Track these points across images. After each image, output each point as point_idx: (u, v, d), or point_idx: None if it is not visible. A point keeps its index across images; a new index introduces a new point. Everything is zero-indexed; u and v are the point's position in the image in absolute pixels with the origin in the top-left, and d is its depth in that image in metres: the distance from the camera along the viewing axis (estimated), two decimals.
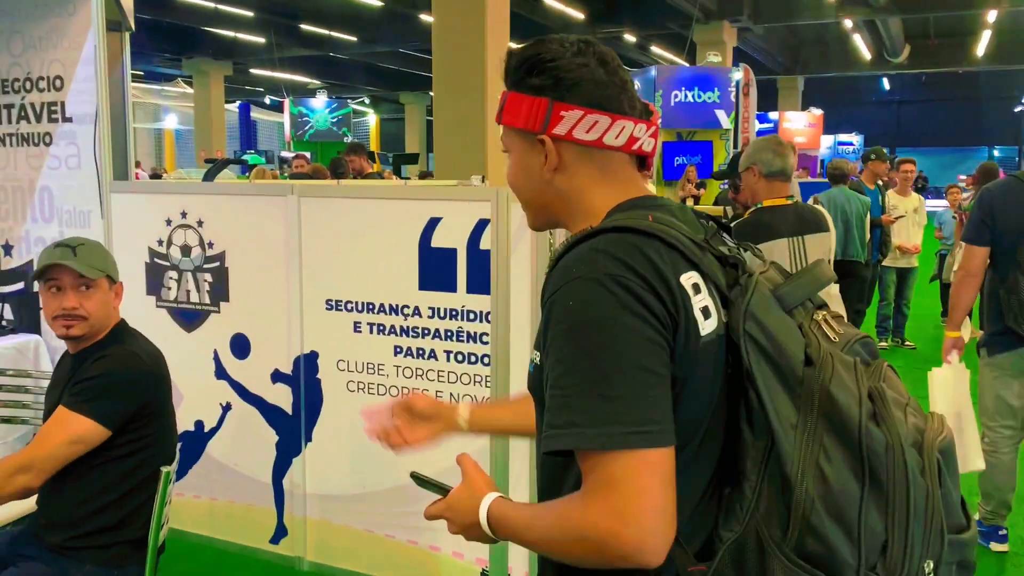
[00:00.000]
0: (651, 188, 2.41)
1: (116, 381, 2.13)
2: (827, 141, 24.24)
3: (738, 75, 12.88)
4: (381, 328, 3.05)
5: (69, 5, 3.56)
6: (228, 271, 3.34)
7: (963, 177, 18.41)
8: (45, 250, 2.25)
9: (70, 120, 3.62)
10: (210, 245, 3.35)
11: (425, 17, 16.78)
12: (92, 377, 2.12)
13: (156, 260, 3.48)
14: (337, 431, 3.20)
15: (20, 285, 3.86)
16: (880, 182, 7.34)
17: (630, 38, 19.96)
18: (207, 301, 3.40)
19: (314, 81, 25.66)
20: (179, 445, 2.38)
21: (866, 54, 21.62)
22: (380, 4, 16.32)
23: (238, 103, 24.80)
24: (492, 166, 8.68)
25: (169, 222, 3.43)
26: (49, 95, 3.66)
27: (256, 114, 25.01)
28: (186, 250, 3.40)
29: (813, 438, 1.00)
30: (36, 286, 2.32)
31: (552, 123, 1.14)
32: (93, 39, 3.51)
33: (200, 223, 3.36)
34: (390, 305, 3.01)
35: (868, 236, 6.22)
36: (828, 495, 0.99)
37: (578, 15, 16.99)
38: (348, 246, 3.08)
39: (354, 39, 19.19)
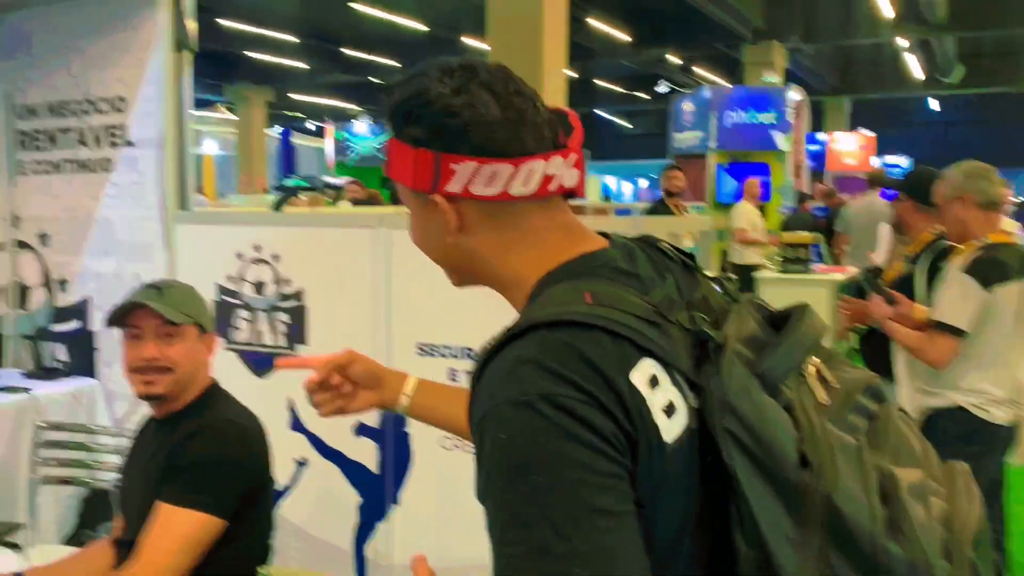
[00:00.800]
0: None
1: (223, 460, 1.79)
2: (873, 163, 23.66)
3: (795, 95, 12.48)
4: None
5: (132, 19, 3.27)
6: (306, 311, 2.99)
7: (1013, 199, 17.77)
8: (130, 291, 1.94)
9: (132, 144, 3.33)
10: (287, 282, 3.02)
11: (468, 41, 16.60)
12: (194, 462, 1.77)
13: (225, 298, 3.15)
14: (428, 493, 2.83)
15: (76, 324, 3.56)
16: None
17: (674, 59, 19.63)
18: (282, 344, 3.05)
19: (353, 107, 25.63)
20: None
21: (918, 74, 21.07)
22: (424, 29, 16.15)
23: (279, 129, 24.79)
24: None
25: (241, 256, 3.10)
26: (110, 117, 3.37)
27: (295, 139, 24.99)
28: (260, 287, 3.07)
29: (818, 558, 0.83)
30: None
31: (442, 180, 0.95)
32: (159, 56, 3.21)
33: (276, 257, 3.03)
34: None
35: None
36: None
37: (624, 37, 16.71)
38: (444, 284, 2.70)
39: (396, 64, 19.05)
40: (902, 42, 17.67)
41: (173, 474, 1.75)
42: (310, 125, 28.72)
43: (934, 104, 28.51)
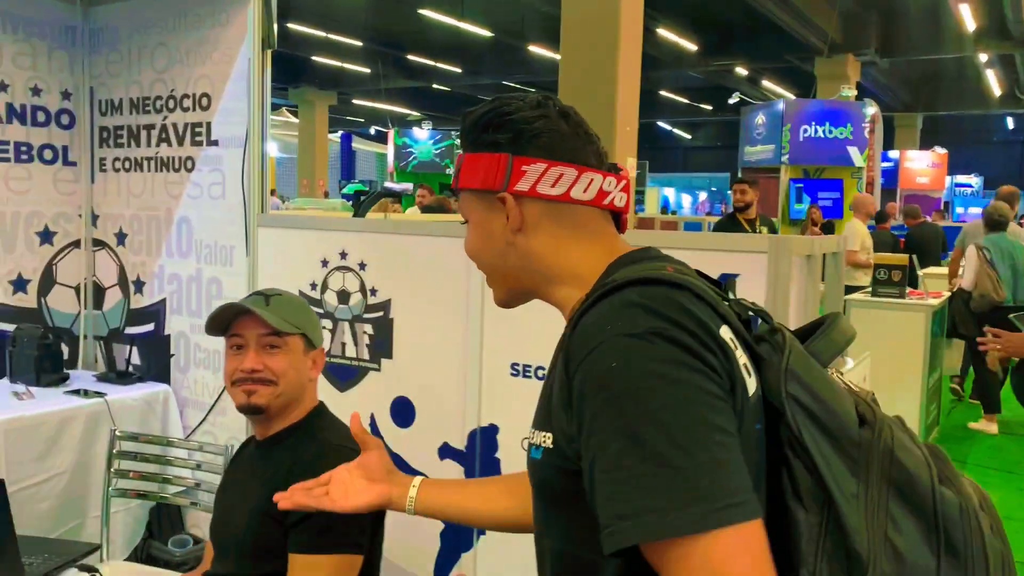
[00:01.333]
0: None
1: None
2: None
3: (872, 110, 12.07)
4: None
5: (222, 15, 3.15)
6: (393, 323, 2.83)
7: None
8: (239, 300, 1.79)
9: (216, 143, 3.20)
10: (373, 292, 2.85)
11: (533, 49, 16.46)
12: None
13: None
14: None
15: (150, 327, 3.44)
16: None
17: (741, 71, 19.25)
18: (366, 357, 2.89)
19: (413, 112, 25.71)
20: None
21: (995, 90, 20.36)
22: (489, 35, 16.05)
23: (340, 133, 24.96)
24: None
25: (325, 263, 2.95)
26: (194, 115, 3.25)
27: (356, 144, 25.13)
28: (344, 296, 2.91)
29: (879, 508, 0.90)
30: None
31: (513, 179, 1.07)
32: (247, 53, 3.08)
33: (363, 266, 2.87)
34: None
35: None
36: (902, 572, 0.88)
37: (691, 47, 16.41)
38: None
39: (459, 70, 19.01)
40: (981, 57, 17.07)
41: (299, 519, 1.58)
42: (373, 130, 28.88)
43: (1010, 123, 27.58)
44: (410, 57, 18.24)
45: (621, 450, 0.83)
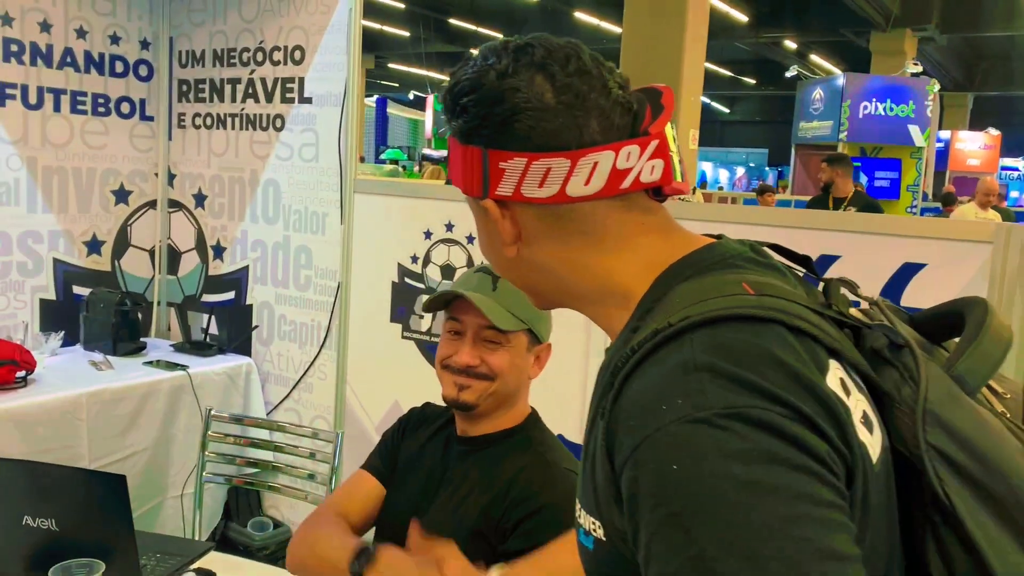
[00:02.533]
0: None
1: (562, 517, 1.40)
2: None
3: (936, 88, 11.64)
4: None
5: None
6: None
7: None
8: (465, 272, 1.58)
9: (309, 101, 2.97)
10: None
11: (579, 15, 16.05)
12: (534, 511, 1.39)
13: (407, 280, 2.78)
14: None
15: (231, 295, 3.24)
16: None
17: (791, 44, 18.73)
18: None
19: (447, 78, 25.37)
20: None
21: None
22: (535, 0, 15.66)
23: (375, 97, 24.69)
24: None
25: (429, 235, 2.72)
26: (285, 69, 3.01)
27: (391, 110, 24.85)
28: (448, 271, 2.69)
29: None
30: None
31: (492, 181, 0.77)
32: (347, 3, 2.83)
33: (471, 239, 2.64)
34: None
35: None
36: None
37: (742, 17, 15.93)
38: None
39: (500, 36, 18.64)
40: None
41: (515, 553, 1.36)
42: (412, 95, 28.59)
43: None
44: (452, 21, 17.87)
45: None
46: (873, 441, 0.67)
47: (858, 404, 0.67)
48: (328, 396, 2.98)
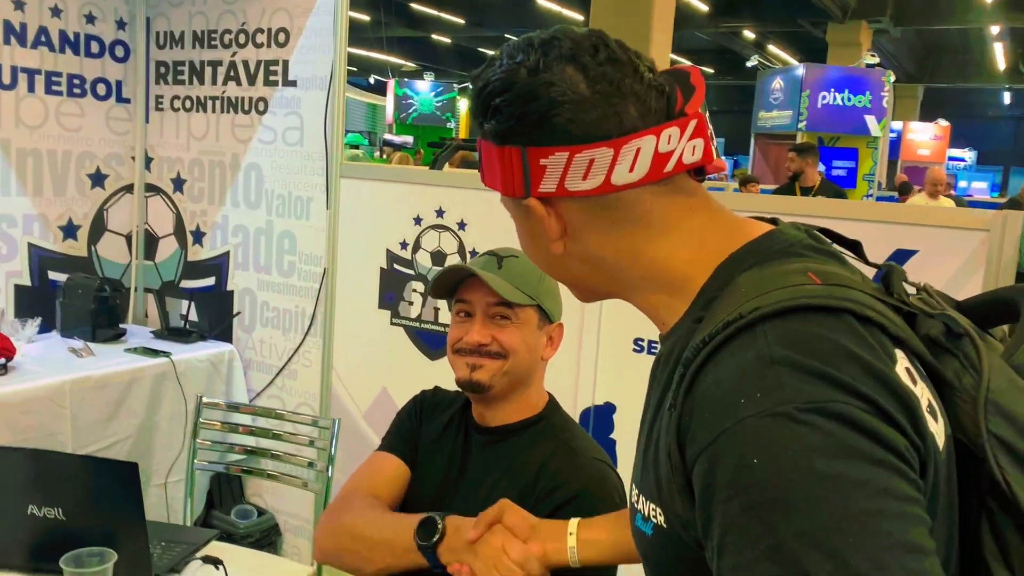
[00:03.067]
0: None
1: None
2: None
3: (892, 79, 11.87)
4: None
5: None
6: None
7: None
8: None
9: (293, 84, 2.93)
10: (473, 255, 2.62)
11: (542, 3, 16.02)
12: (566, 502, 1.37)
13: (396, 267, 2.77)
14: None
15: (211, 281, 3.20)
16: None
17: (749, 35, 18.93)
18: None
19: (408, 64, 25.15)
20: None
21: (1000, 64, 20.21)
22: None
23: None
24: None
25: (419, 220, 2.71)
26: (269, 52, 2.97)
27: (349, 94, 24.56)
28: (439, 257, 2.68)
29: None
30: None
31: (534, 180, 0.77)
32: None
33: (462, 225, 2.63)
34: None
35: None
36: None
37: (702, 6, 16.05)
38: None
39: (462, 21, 18.53)
40: (993, 30, 16.87)
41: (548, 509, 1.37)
42: (372, 80, 28.26)
43: (1006, 98, 27.49)
44: (414, 6, 17.71)
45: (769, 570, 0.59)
46: (939, 430, 0.67)
47: (923, 393, 0.67)
48: (313, 383, 2.96)
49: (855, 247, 0.85)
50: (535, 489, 1.40)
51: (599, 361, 2.46)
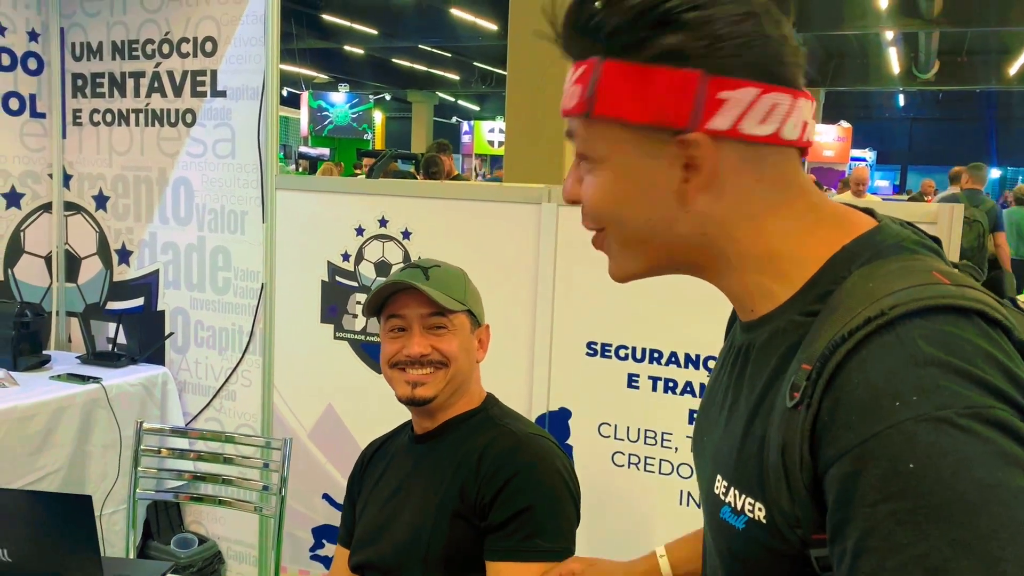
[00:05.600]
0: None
1: (557, 493, 1.41)
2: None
3: None
4: (672, 385, 2.30)
5: None
6: None
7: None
8: (389, 275, 1.60)
9: (223, 94, 2.83)
10: None
11: (456, 12, 16.02)
12: (510, 478, 1.38)
13: (338, 279, 2.70)
14: (595, 515, 2.43)
15: (139, 301, 3.06)
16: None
17: None
18: None
19: (321, 75, 24.82)
20: None
21: (895, 68, 21.15)
22: None
23: None
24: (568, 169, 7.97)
25: (361, 231, 2.65)
26: (195, 62, 2.87)
27: None
28: (384, 268, 2.63)
29: None
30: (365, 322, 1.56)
31: (707, 111, 0.69)
32: None
33: (407, 234, 2.59)
34: (689, 355, 2.26)
35: None
36: None
37: None
38: None
39: (375, 32, 18.38)
40: (887, 35, 17.64)
41: (502, 523, 1.36)
42: (285, 92, 27.74)
43: (900, 100, 28.79)
44: (325, 17, 17.48)
45: None
46: None
47: None
48: (254, 403, 2.86)
49: (937, 244, 0.80)
50: (478, 474, 1.40)
51: (552, 366, 2.45)
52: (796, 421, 0.65)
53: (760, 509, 0.70)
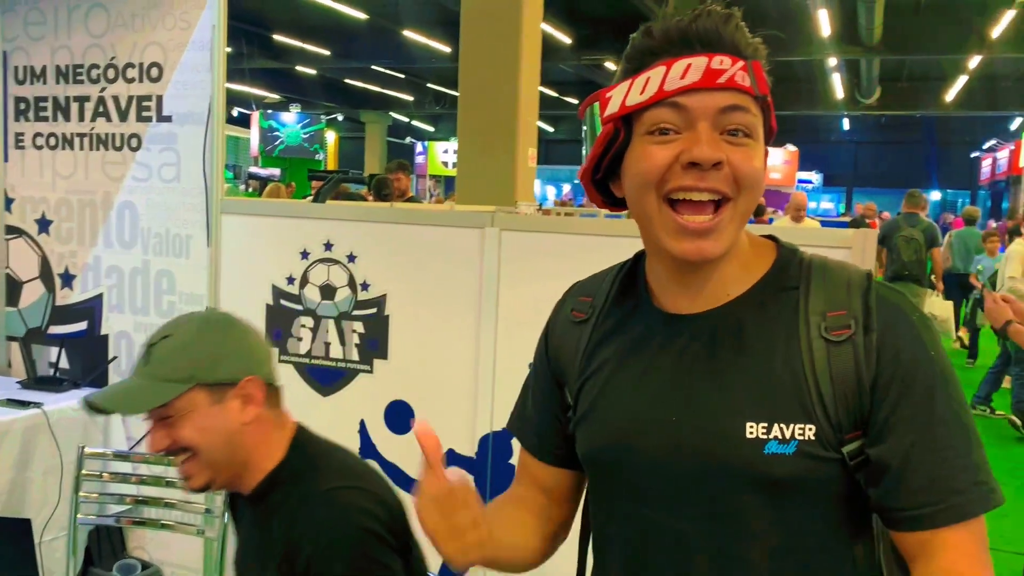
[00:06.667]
0: None
1: (357, 552, 1.31)
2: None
3: None
4: None
5: None
6: (389, 320, 2.60)
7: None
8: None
9: (168, 119, 2.85)
10: (364, 287, 2.62)
11: (408, 34, 16.11)
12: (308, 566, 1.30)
13: (283, 303, 2.72)
14: None
15: (82, 325, 3.05)
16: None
17: (611, 66, 19.62)
18: (355, 357, 2.65)
19: (272, 95, 24.69)
20: None
21: (839, 93, 21.73)
22: (364, 17, 15.57)
23: None
24: (524, 191, 8.06)
25: (306, 254, 2.68)
26: (141, 87, 2.88)
27: None
28: (328, 291, 2.66)
29: None
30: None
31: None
32: (211, 19, 2.75)
33: (352, 258, 2.62)
34: None
35: None
36: None
37: (565, 39, 16.55)
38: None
39: (327, 53, 18.37)
40: (831, 61, 18.13)
41: None
42: (236, 112, 27.53)
43: (845, 124, 29.55)
44: (276, 37, 17.44)
45: (956, 432, 0.91)
46: None
47: None
48: None
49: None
50: (291, 563, 1.32)
51: (496, 387, 2.49)
52: (849, 349, 0.92)
53: (810, 429, 0.92)
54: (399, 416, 2.63)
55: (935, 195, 29.02)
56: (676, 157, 0.91)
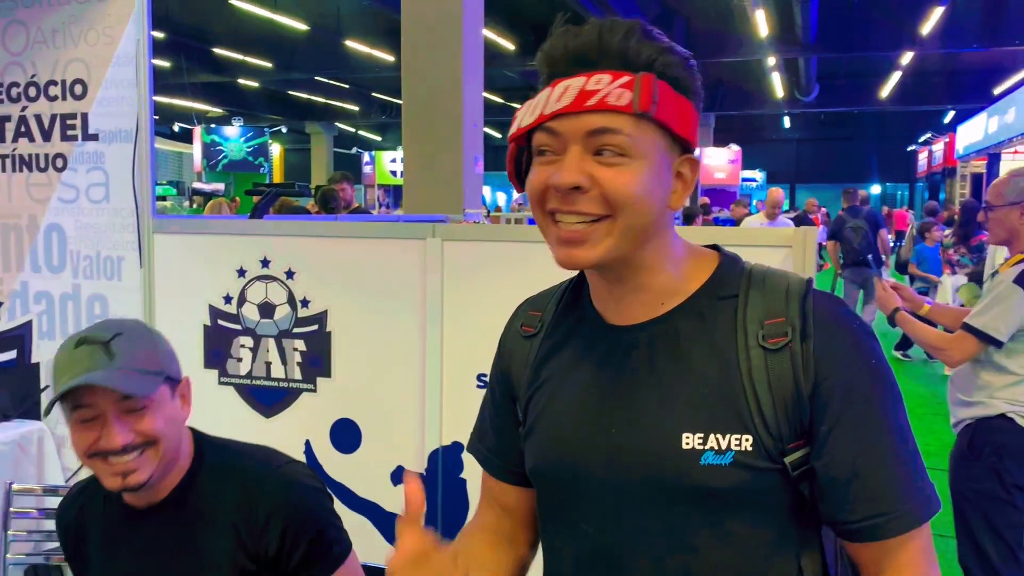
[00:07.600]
0: None
1: (326, 509, 1.47)
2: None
3: None
4: None
5: None
6: (331, 336, 2.54)
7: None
8: (61, 350, 1.36)
9: (95, 138, 2.75)
10: (304, 303, 2.55)
11: (350, 44, 16.00)
12: (314, 537, 1.41)
13: (221, 323, 2.64)
14: None
15: (11, 355, 2.92)
16: None
17: None
18: (297, 376, 2.58)
19: (214, 109, 24.33)
20: None
21: (779, 92, 22.10)
22: (304, 28, 15.42)
23: None
24: (471, 198, 8.05)
25: (243, 272, 2.60)
26: (64, 105, 2.78)
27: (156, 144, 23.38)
28: (267, 309, 2.59)
29: None
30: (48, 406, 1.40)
31: (694, 139, 0.98)
32: (135, 33, 2.66)
33: (290, 274, 2.56)
34: None
35: None
36: None
37: (509, 45, 16.59)
38: (510, 303, 2.34)
39: (270, 65, 18.16)
40: (769, 61, 18.44)
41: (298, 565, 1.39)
42: (177, 127, 27.06)
43: (786, 122, 30.11)
44: (217, 50, 17.18)
45: (899, 443, 0.92)
46: None
47: None
48: None
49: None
50: (251, 528, 1.39)
51: (444, 400, 2.45)
52: (786, 357, 0.91)
53: (747, 440, 0.90)
54: (345, 435, 2.57)
55: (875, 188, 29.67)
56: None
